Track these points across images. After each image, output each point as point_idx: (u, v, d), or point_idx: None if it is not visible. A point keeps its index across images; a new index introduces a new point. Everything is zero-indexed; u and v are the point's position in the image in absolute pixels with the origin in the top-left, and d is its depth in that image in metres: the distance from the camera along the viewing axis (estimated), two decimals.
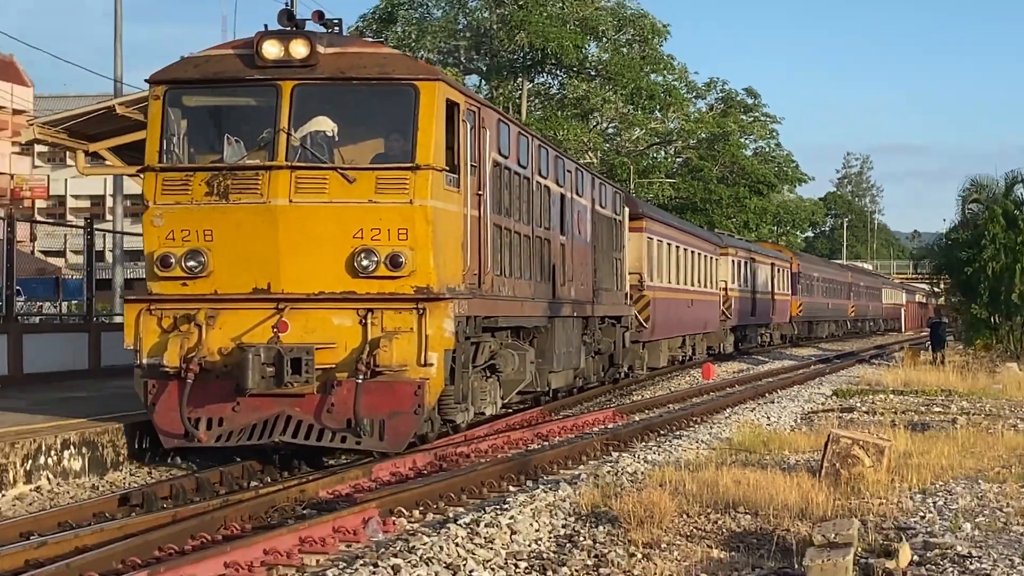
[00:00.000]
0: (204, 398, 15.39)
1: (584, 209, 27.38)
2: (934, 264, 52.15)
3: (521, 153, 21.10)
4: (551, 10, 60.78)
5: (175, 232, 15.68)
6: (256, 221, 15.44)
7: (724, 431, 21.75)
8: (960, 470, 16.36)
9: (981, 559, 11.06)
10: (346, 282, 15.52)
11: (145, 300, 16.05)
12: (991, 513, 13.34)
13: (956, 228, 49.10)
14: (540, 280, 22.50)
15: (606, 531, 12.53)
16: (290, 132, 15.52)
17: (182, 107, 16.46)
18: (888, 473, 15.33)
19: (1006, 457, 17.73)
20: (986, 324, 45.89)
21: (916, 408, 27.19)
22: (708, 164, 76.25)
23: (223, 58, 16.29)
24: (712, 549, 11.69)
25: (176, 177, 15.92)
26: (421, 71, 16.39)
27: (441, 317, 15.52)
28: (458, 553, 11.33)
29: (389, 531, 13.03)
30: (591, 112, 67.42)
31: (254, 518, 13.40)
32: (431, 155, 15.64)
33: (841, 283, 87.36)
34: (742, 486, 14.21)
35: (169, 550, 11.80)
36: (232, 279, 15.65)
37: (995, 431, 21.63)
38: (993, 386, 33.37)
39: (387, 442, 15.40)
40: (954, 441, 19.19)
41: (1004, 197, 45.72)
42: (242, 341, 15.21)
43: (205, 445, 15.65)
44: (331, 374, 15.30)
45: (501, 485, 16.08)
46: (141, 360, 15.76)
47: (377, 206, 15.46)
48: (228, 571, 10.99)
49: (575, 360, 26.11)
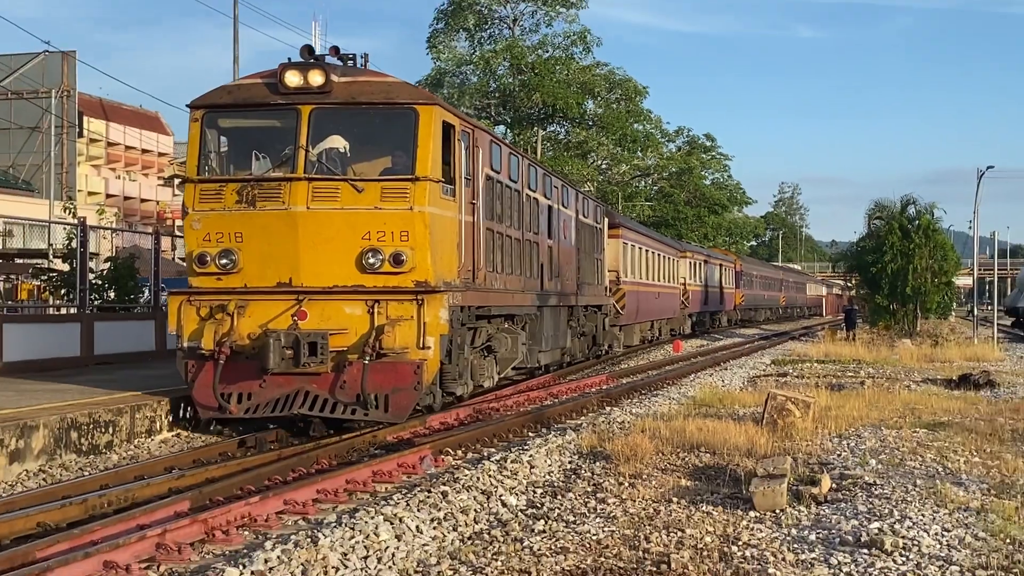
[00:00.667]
0: (235, 376, 14.50)
1: (569, 218, 26.23)
2: (847, 265, 52.51)
3: (512, 169, 20.03)
4: (559, 76, 61.36)
5: (211, 234, 14.86)
6: (279, 225, 14.61)
7: (690, 391, 21.72)
8: (867, 420, 16.36)
9: (883, 486, 11.14)
10: (356, 277, 14.58)
11: (186, 293, 15.12)
12: (890, 452, 13.38)
13: (864, 238, 49.22)
14: (529, 276, 21.35)
15: (601, 466, 12.59)
16: (308, 149, 14.71)
17: (217, 128, 15.65)
18: (813, 422, 15.34)
19: (901, 410, 17.73)
20: (886, 310, 46.06)
21: (834, 373, 27.15)
22: (677, 191, 77.09)
23: (252, 86, 15.44)
24: (681, 479, 11.74)
25: (211, 188, 15.01)
26: (421, 97, 15.42)
27: (437, 307, 14.57)
28: (490, 482, 11.42)
29: (439, 466, 13.08)
30: (589, 152, 67.68)
31: (338, 456, 13.45)
32: (429, 168, 14.74)
33: (774, 279, 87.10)
34: (703, 432, 14.26)
35: (275, 480, 11.84)
36: (259, 274, 14.76)
37: (893, 390, 21.61)
38: (892, 356, 33.34)
39: (391, 414, 14.53)
40: (862, 398, 19.17)
41: (900, 214, 45.91)
42: (268, 327, 14.41)
43: (236, 416, 14.76)
44: (344, 356, 14.37)
45: (523, 432, 16.09)
46: (182, 344, 14.92)
47: (382, 212, 14.53)
48: (319, 496, 11.12)
49: (562, 341, 25.14)
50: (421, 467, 12.77)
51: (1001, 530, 9.21)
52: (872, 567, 8.14)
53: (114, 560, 8.32)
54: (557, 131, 66.76)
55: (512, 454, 12.94)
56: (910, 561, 8.30)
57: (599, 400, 20.00)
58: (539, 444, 13.81)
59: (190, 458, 13.29)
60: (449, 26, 64.44)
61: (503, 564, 8.31)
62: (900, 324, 45.85)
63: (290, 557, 8.07)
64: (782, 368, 29.75)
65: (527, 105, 61.74)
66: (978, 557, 8.42)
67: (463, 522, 9.78)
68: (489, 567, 8.25)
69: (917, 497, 10.59)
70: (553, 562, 8.33)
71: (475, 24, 64.48)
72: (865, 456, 13.10)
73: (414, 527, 9.30)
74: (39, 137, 41.06)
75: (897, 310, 45.99)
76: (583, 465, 12.82)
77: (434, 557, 8.64)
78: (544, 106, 61.09)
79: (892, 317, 46.12)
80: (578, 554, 8.60)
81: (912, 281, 44.00)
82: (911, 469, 12.29)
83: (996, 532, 9.16)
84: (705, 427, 14.66)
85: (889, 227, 45.37)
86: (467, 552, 8.75)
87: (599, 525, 9.66)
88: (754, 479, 10.68)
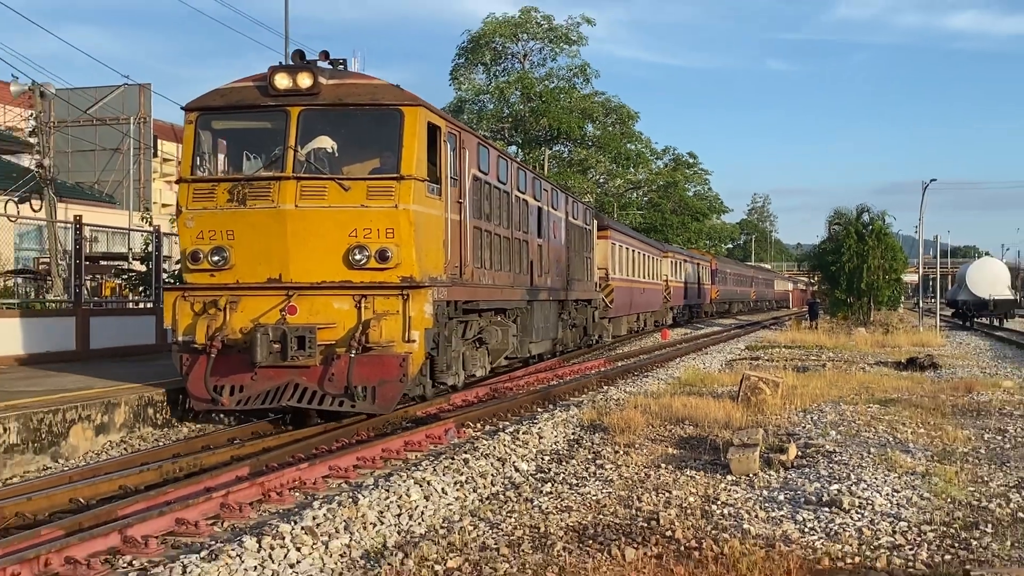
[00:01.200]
0: (227, 369, 13.07)
1: (559, 219, 24.43)
2: (811, 264, 52.51)
3: (500, 171, 18.23)
4: (563, 104, 61.66)
5: (204, 232, 13.39)
6: (268, 222, 13.14)
7: (675, 372, 21.69)
8: (828, 397, 16.33)
9: (841, 454, 11.14)
10: (344, 273, 13.10)
11: (180, 288, 13.66)
12: (848, 424, 13.35)
13: (825, 241, 49.20)
14: (519, 272, 19.63)
15: (600, 437, 12.58)
16: (296, 149, 13.26)
17: (211, 130, 14.12)
18: (781, 399, 15.32)
19: (857, 388, 17.70)
20: (844, 303, 46.06)
21: (799, 357, 27.10)
22: (664, 201, 77.03)
23: (244, 89, 13.87)
24: (668, 448, 11.73)
25: (204, 187, 13.51)
26: (406, 98, 13.66)
27: (422, 302, 13.09)
28: (505, 451, 11.43)
29: (461, 437, 13.11)
30: (588, 169, 67.64)
31: (375, 429, 13.46)
32: (414, 167, 13.24)
33: (746, 276, 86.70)
34: (687, 408, 14.24)
35: (322, 449, 11.88)
36: (250, 271, 13.29)
37: (850, 372, 21.60)
38: (849, 343, 33.26)
39: (378, 405, 13.06)
40: (824, 378, 19.14)
41: (856, 221, 45.88)
42: (259, 322, 12.97)
43: (227, 408, 13.42)
44: (332, 349, 12.92)
45: (532, 407, 16.07)
46: (177, 337, 13.41)
47: (368, 210, 13.05)
48: (358, 462, 11.19)
49: (553, 332, 23.49)
50: (446, 438, 12.79)
51: (943, 491, 9.22)
52: (832, 523, 8.13)
53: (185, 517, 8.36)
54: (561, 150, 66.83)
55: (523, 426, 12.95)
56: (865, 518, 8.29)
57: (598, 381, 19.98)
58: (547, 418, 13.81)
59: (249, 430, 13.30)
60: (469, 61, 64.71)
61: (516, 520, 8.32)
62: (856, 315, 45.80)
63: (334, 515, 8.09)
64: (755, 353, 29.71)
65: (536, 128, 61.97)
66: (923, 514, 8.42)
67: (482, 485, 9.79)
68: (504, 523, 8.26)
69: (871, 463, 10.58)
70: (559, 519, 8.33)
71: (491, 59, 64.69)
72: (826, 428, 13.08)
73: (440, 489, 9.32)
74: (120, 158, 41.35)
75: (853, 303, 45.93)
76: (584, 436, 12.83)
77: (457, 514, 8.66)
78: (550, 129, 61.38)
79: (849, 309, 46.07)
80: (580, 512, 8.61)
81: (866, 278, 44.05)
82: (866, 439, 12.27)
83: (939, 493, 9.17)
84: (689, 403, 14.65)
85: (847, 232, 45.41)
86: (485, 510, 8.76)
87: (598, 487, 9.67)
88: (731, 448, 10.68)
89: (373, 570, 6.84)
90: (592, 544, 7.47)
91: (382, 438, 12.51)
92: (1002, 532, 7.88)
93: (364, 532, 7.83)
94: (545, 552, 7.25)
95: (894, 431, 12.87)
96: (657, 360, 26.12)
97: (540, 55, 65.71)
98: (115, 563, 7.44)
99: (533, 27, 64.11)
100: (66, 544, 7.32)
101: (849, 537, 7.69)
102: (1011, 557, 7.20)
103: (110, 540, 7.64)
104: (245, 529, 8.30)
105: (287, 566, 6.95)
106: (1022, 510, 8.58)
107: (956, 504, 8.79)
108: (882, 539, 7.65)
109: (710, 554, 7.04)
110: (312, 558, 7.15)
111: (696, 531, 7.80)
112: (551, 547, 7.36)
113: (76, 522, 8.13)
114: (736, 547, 7.13)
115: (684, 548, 7.29)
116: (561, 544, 7.43)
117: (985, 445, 11.94)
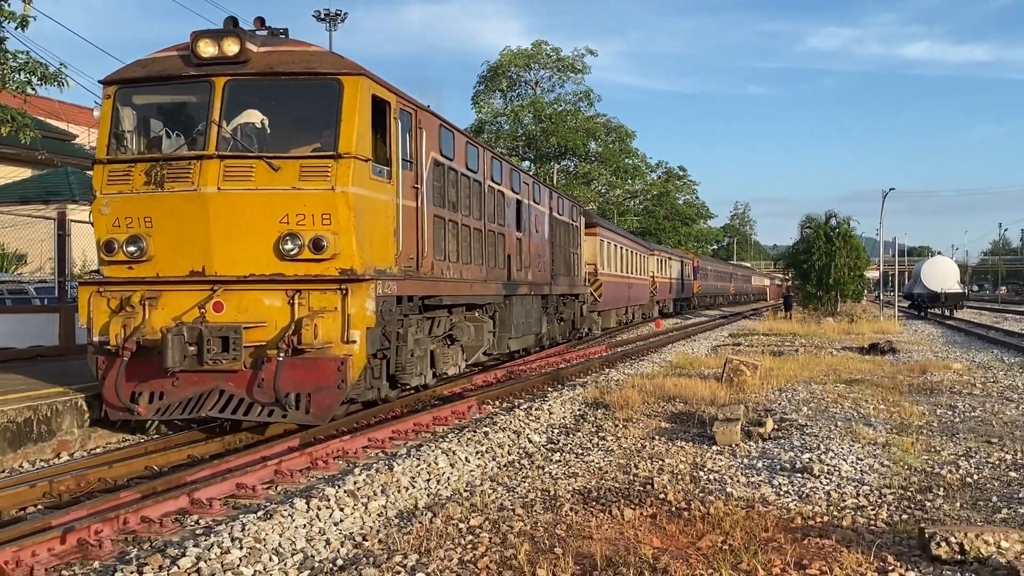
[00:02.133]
0: (147, 374, 10.31)
1: (542, 214, 21.14)
2: (786, 263, 52.17)
3: (471, 159, 15.10)
4: (569, 124, 61.98)
5: (119, 219, 10.50)
6: (189, 208, 10.19)
7: (667, 357, 21.65)
8: (801, 377, 16.27)
9: (812, 427, 11.08)
10: (275, 265, 10.21)
11: (96, 283, 10.67)
12: (818, 402, 13.29)
13: (798, 242, 48.91)
14: (494, 266, 16.62)
15: (602, 412, 12.55)
16: (221, 124, 10.32)
17: (131, 105, 11.04)
18: (760, 379, 15.26)
19: (826, 370, 17.63)
20: (814, 296, 45.83)
21: (776, 343, 26.96)
22: (657, 209, 77.13)
23: (167, 59, 10.87)
24: (661, 422, 11.69)
25: (119, 168, 10.57)
26: (346, 66, 10.59)
27: (363, 297, 10.23)
28: (520, 424, 11.41)
29: (482, 413, 13.07)
30: (592, 181, 67.70)
31: (407, 406, 13.44)
32: (354, 145, 10.27)
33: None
34: (678, 387, 14.21)
35: (362, 423, 11.89)
36: (171, 263, 10.38)
37: (820, 356, 21.48)
38: (819, 330, 33.08)
39: (312, 415, 10.28)
40: (797, 361, 19.07)
41: (824, 225, 45.67)
42: (181, 320, 10.21)
43: (145, 418, 10.56)
44: (263, 351, 10.14)
45: (543, 387, 16.05)
46: (92, 338, 10.63)
47: (301, 193, 10.09)
48: (393, 434, 11.16)
49: (536, 327, 20.16)
50: (469, 414, 12.78)
51: (901, 459, 9.17)
52: (804, 487, 8.09)
53: (244, 482, 8.39)
54: (568, 165, 66.88)
55: (536, 403, 12.93)
56: (832, 482, 8.25)
57: (600, 364, 19.96)
58: (556, 396, 13.79)
59: None
60: (488, 87, 64.90)
61: (529, 485, 8.31)
62: (825, 306, 45.59)
63: (372, 480, 8.10)
64: (737, 339, 29.60)
65: (546, 145, 62.21)
66: (883, 479, 8.37)
67: (500, 454, 9.78)
68: (519, 487, 8.25)
69: (838, 435, 10.52)
70: (567, 484, 8.32)
71: (507, 86, 64.92)
72: (799, 405, 13.02)
73: (464, 458, 9.31)
74: None
75: (823, 296, 45.71)
76: (588, 412, 12.80)
77: (478, 480, 8.65)
78: (558, 146, 61.66)
79: (819, 301, 45.83)
80: (585, 477, 8.60)
81: (834, 274, 43.88)
82: (833, 414, 12.21)
83: (897, 460, 9.12)
84: (679, 384, 14.61)
85: (816, 234, 45.23)
86: (503, 476, 8.76)
87: (600, 456, 9.65)
88: (716, 422, 10.65)
89: (406, 528, 6.85)
90: (595, 505, 7.46)
91: (413, 414, 12.45)
92: (952, 495, 7.83)
93: (398, 495, 7.84)
94: (555, 512, 7.24)
95: (858, 407, 12.80)
96: (651, 346, 26.02)
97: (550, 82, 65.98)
98: (184, 522, 7.47)
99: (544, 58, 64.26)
100: (142, 505, 7.35)
101: (819, 499, 7.65)
102: (960, 516, 7.16)
103: (180, 502, 7.67)
104: (296, 492, 8.31)
105: (332, 524, 6.96)
106: (970, 476, 8.53)
107: (912, 471, 8.74)
108: (847, 501, 7.61)
109: (698, 514, 7.02)
110: (353, 517, 7.16)
111: (686, 494, 7.78)
112: (560, 508, 7.36)
113: (151, 487, 8.16)
114: (720, 508, 7.11)
115: (675, 509, 7.27)
116: (568, 505, 7.42)
117: (937, 419, 11.88)
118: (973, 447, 9.92)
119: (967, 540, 5.88)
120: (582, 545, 6.25)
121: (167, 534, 7.07)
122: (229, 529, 6.55)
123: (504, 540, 6.43)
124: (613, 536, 6.52)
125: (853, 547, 6.13)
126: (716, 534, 6.47)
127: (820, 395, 14.05)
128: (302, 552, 6.28)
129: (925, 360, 20.25)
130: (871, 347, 23.83)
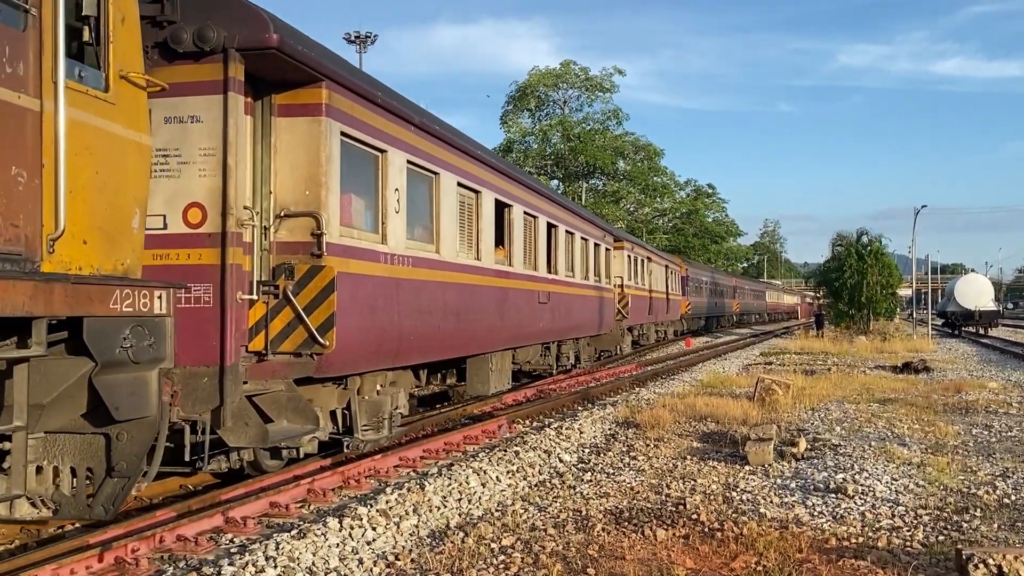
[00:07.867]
0: None
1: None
2: (816, 280, 51.86)
3: None
4: (598, 143, 62.20)
5: None
6: None
7: (698, 376, 21.55)
8: (833, 397, 16.12)
9: (846, 447, 10.98)
10: None
11: None
12: (851, 421, 13.17)
13: (829, 260, 48.58)
14: None
15: (633, 432, 12.52)
16: None
17: None
18: (792, 399, 15.15)
19: (859, 389, 17.46)
20: (846, 314, 45.41)
21: (807, 362, 26.78)
22: (687, 227, 76.83)
23: None
24: (693, 442, 11.63)
25: None
26: None
27: None
28: (550, 444, 11.41)
29: (512, 432, 13.07)
30: (621, 199, 67.69)
31: (437, 425, 13.48)
32: None
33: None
34: (709, 406, 14.14)
35: (393, 442, 11.91)
36: None
37: (853, 375, 21.28)
38: (851, 349, 32.80)
39: None
40: (829, 380, 18.90)
41: (856, 242, 45.31)
42: None
43: None
44: None
45: (574, 406, 16.05)
46: None
47: None
48: (424, 453, 11.20)
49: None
50: (499, 433, 12.80)
51: (936, 479, 9.07)
52: (839, 507, 8.02)
53: (277, 501, 8.44)
54: (596, 183, 66.97)
55: (566, 423, 12.93)
56: (867, 503, 8.17)
57: (630, 383, 19.91)
58: (586, 415, 13.78)
59: None
60: (516, 107, 65.29)
61: (561, 504, 8.31)
62: (857, 325, 45.18)
63: (404, 499, 8.13)
64: (768, 358, 29.41)
65: (574, 164, 62.40)
66: (919, 500, 8.28)
67: (530, 473, 9.78)
68: (550, 507, 8.25)
69: (872, 455, 10.43)
70: (598, 503, 8.31)
71: (535, 105, 65.29)
72: (832, 424, 12.92)
73: (494, 477, 9.32)
74: None
75: (855, 314, 45.32)
76: (619, 431, 12.77)
77: (510, 499, 8.66)
78: (587, 165, 61.88)
79: (851, 319, 45.44)
80: (616, 497, 8.58)
81: (866, 292, 43.51)
82: (867, 434, 12.10)
83: (932, 481, 9.02)
84: (710, 403, 14.54)
85: (848, 252, 44.90)
86: (534, 495, 8.76)
87: (632, 476, 9.62)
88: (748, 441, 10.59)
89: (438, 547, 6.86)
90: (627, 525, 7.44)
91: (444, 433, 12.51)
92: (989, 516, 7.74)
93: (430, 514, 7.86)
94: (586, 532, 7.23)
95: (892, 427, 12.67)
96: (681, 365, 25.95)
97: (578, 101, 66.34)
98: (219, 540, 7.54)
99: (572, 77, 64.62)
100: (177, 524, 7.43)
101: (853, 520, 7.59)
102: (998, 538, 7.07)
103: (214, 520, 7.74)
104: (328, 511, 8.36)
105: (364, 543, 6.99)
106: (1007, 496, 8.42)
107: (948, 491, 8.64)
108: (883, 522, 7.54)
109: (731, 534, 6.98)
110: (386, 536, 7.19)
111: (718, 514, 7.74)
112: (591, 528, 7.34)
113: (186, 505, 8.24)
114: (754, 528, 7.07)
115: (708, 529, 7.24)
116: (600, 525, 7.41)
117: (973, 439, 11.74)
118: (1010, 467, 9.79)
119: (1005, 562, 5.81)
120: (615, 566, 6.24)
121: (202, 552, 7.13)
122: (263, 548, 6.60)
123: (536, 560, 6.43)
124: (646, 557, 6.50)
125: (889, 568, 6.08)
126: (750, 555, 6.43)
127: (853, 414, 13.92)
128: (335, 571, 6.32)
129: (959, 379, 20.02)
130: (904, 366, 23.59)
